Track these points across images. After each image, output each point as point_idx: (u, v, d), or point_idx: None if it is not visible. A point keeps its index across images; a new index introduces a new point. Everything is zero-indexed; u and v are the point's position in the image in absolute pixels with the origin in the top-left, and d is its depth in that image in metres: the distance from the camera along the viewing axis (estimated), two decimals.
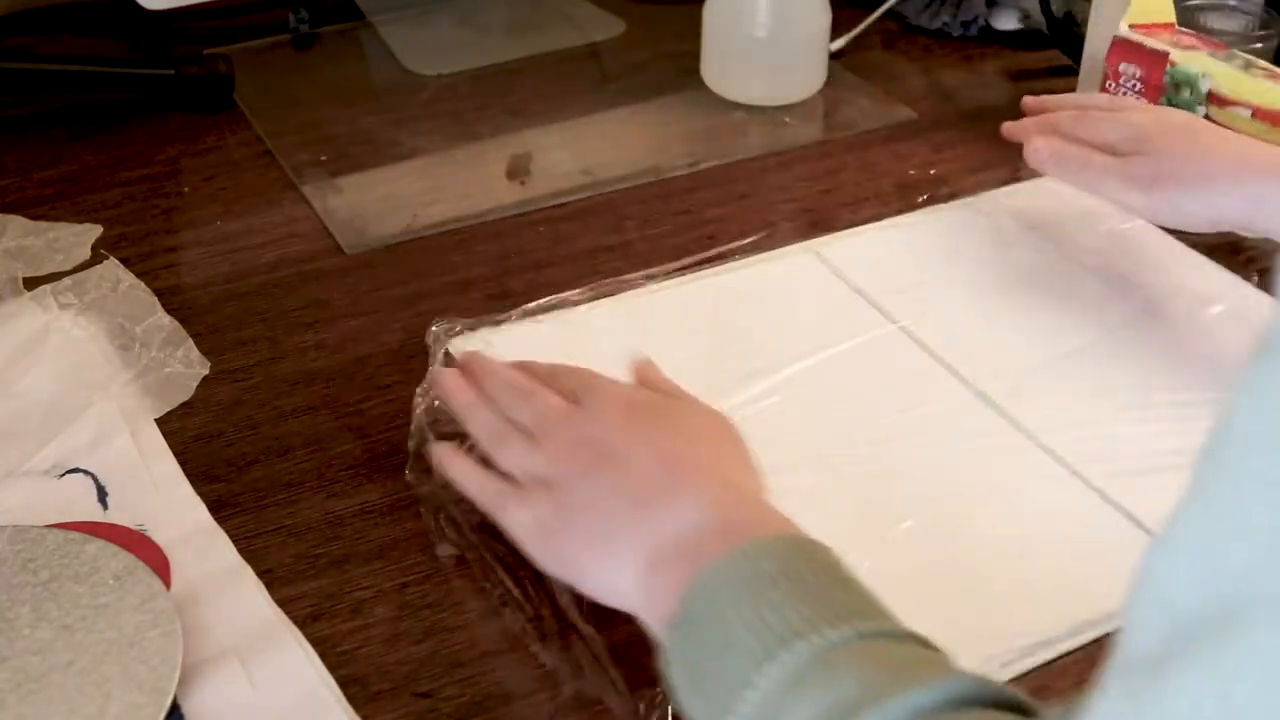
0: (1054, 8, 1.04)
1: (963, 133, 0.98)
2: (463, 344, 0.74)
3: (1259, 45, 0.97)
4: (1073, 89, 1.02)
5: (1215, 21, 1.02)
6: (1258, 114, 0.87)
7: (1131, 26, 0.94)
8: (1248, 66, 0.89)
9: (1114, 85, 0.94)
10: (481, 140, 0.97)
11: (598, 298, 0.79)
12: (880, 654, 0.46)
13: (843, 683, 0.44)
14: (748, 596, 0.48)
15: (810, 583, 0.49)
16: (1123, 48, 0.93)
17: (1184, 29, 0.95)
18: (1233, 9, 1.03)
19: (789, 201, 0.90)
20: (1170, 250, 0.85)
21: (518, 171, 0.94)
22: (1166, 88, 0.91)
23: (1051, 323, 0.79)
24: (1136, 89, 0.93)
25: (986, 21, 1.11)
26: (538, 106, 1.01)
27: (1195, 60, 0.90)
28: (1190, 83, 0.89)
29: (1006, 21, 1.10)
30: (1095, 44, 0.99)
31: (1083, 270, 0.83)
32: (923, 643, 0.48)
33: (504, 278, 0.82)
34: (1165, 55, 0.91)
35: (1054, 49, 1.06)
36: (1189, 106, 0.90)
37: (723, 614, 0.48)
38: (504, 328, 0.76)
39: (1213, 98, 0.89)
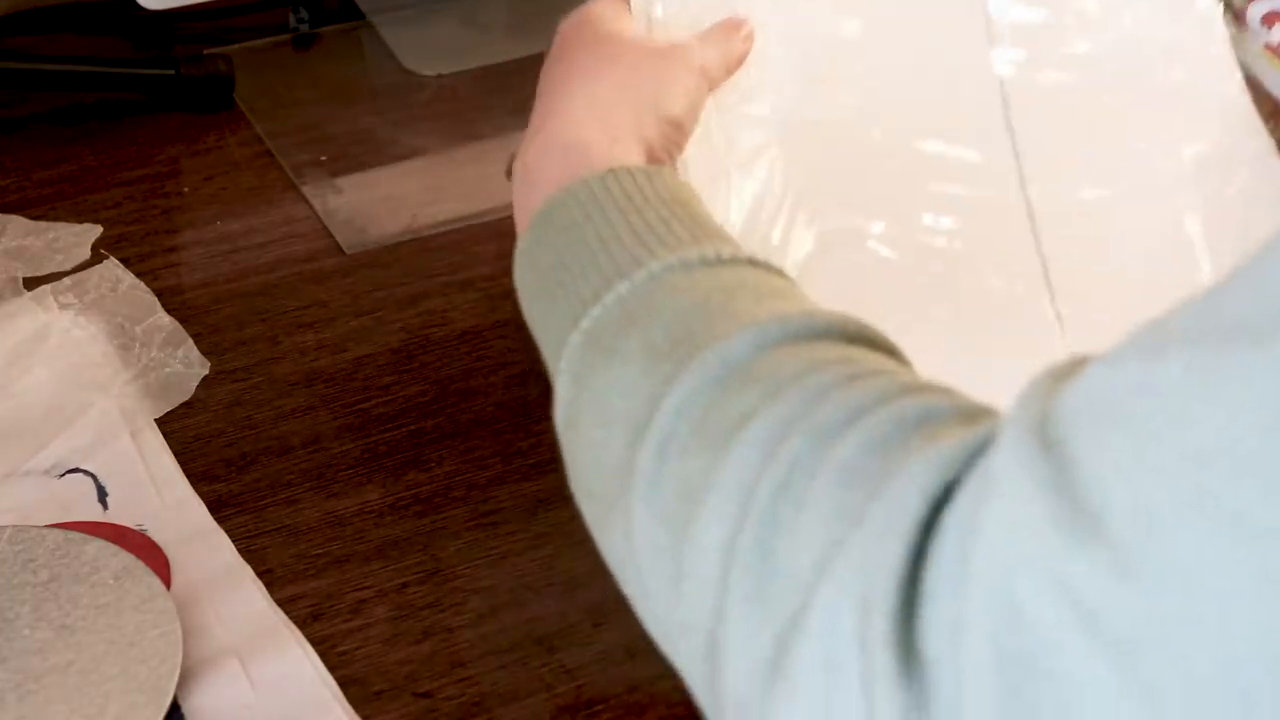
0: None
1: None
2: None
3: None
4: None
5: None
6: None
7: None
8: None
9: None
10: (482, 140, 0.97)
11: None
12: (736, 282, 0.46)
13: (675, 314, 0.44)
14: (613, 214, 0.48)
15: (676, 212, 0.49)
16: None
17: None
18: None
19: None
20: None
21: None
22: None
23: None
24: None
25: None
26: None
27: None
28: None
29: None
30: None
31: None
32: (784, 276, 0.48)
33: (504, 278, 0.81)
34: None
35: None
36: None
37: (589, 221, 0.49)
38: None
39: None
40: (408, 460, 0.69)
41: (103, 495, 0.66)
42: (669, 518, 0.40)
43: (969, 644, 0.31)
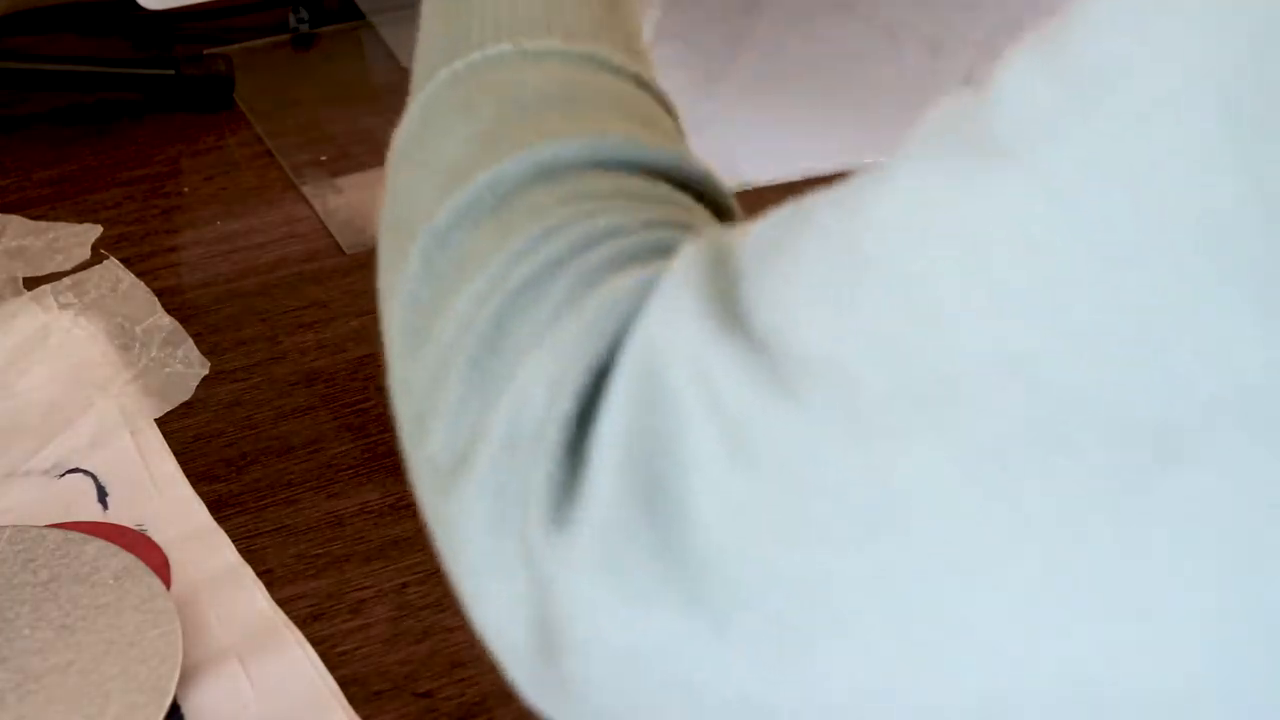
0: None
1: None
2: None
3: None
4: None
5: None
6: None
7: None
8: None
9: None
10: None
11: None
12: (613, 92, 0.45)
13: (538, 96, 0.44)
14: None
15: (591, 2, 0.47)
16: None
17: None
18: None
19: None
20: None
21: None
22: None
23: None
24: None
25: None
26: None
27: None
28: None
29: None
30: None
31: None
32: (667, 109, 0.46)
33: None
34: None
35: None
36: None
37: None
38: None
39: None
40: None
41: (103, 495, 0.66)
42: (438, 280, 0.41)
43: (611, 417, 0.33)
